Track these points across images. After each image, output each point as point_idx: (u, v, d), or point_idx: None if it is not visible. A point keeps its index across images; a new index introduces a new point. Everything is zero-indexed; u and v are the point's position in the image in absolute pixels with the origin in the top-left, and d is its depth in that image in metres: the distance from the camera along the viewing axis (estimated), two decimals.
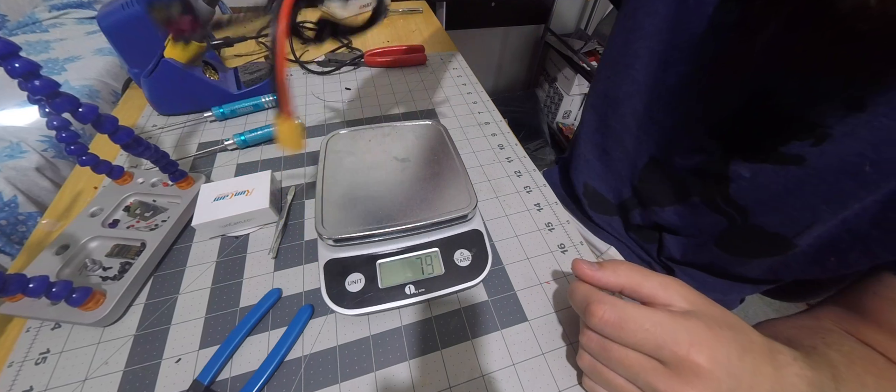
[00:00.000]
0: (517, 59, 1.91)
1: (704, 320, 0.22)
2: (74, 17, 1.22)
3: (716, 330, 0.22)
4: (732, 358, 0.21)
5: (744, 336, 0.23)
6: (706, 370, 0.21)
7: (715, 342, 0.22)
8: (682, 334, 0.22)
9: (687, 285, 0.25)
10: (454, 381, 0.28)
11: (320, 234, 0.31)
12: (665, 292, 0.24)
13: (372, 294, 0.30)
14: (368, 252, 0.32)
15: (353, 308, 0.30)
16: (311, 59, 0.64)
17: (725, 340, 0.22)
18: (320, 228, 0.31)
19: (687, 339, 0.21)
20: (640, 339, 0.22)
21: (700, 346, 0.21)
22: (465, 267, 0.32)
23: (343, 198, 0.33)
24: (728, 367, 0.21)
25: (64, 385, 0.27)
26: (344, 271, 0.31)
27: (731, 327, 0.23)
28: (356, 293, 0.30)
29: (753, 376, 0.22)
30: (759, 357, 0.23)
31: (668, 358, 0.22)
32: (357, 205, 0.33)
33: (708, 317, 0.23)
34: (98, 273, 0.33)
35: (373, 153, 0.38)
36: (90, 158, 0.35)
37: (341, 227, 0.31)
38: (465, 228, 0.34)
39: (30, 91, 0.27)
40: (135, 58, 0.52)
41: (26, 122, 0.82)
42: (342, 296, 0.30)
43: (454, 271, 0.32)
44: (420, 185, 0.35)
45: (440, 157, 0.38)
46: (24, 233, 0.73)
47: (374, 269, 0.31)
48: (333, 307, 0.30)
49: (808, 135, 0.28)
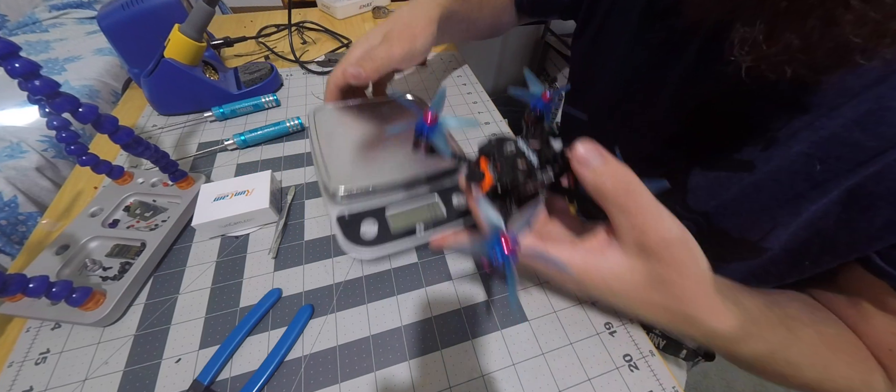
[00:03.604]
0: (517, 59, 1.91)
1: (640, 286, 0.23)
2: (74, 17, 1.22)
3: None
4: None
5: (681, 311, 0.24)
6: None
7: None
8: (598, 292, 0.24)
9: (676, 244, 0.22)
10: (454, 381, 0.28)
11: (329, 191, 0.32)
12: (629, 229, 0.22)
13: (386, 237, 0.32)
14: (376, 205, 0.34)
15: (371, 247, 0.32)
16: (312, 59, 0.64)
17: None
18: (329, 184, 0.32)
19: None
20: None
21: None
22: (463, 208, 0.35)
23: (344, 160, 0.35)
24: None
25: (64, 385, 0.27)
26: (356, 222, 0.33)
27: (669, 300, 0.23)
28: (371, 239, 0.32)
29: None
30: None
31: None
32: (358, 164, 0.35)
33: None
34: (98, 273, 0.33)
35: (362, 124, 0.40)
36: (90, 158, 0.35)
37: (349, 182, 0.33)
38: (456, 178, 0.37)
39: (30, 91, 0.27)
40: (135, 58, 0.52)
41: (26, 122, 0.82)
42: (358, 240, 0.32)
43: (454, 213, 0.35)
44: (409, 149, 0.37)
45: None
46: (24, 233, 0.73)
47: (383, 218, 0.33)
48: (352, 249, 0.32)
49: (758, 140, 0.29)
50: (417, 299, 0.33)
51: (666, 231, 0.21)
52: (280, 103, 0.54)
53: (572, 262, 0.24)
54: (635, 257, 0.22)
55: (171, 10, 0.49)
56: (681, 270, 0.22)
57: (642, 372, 0.29)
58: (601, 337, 0.31)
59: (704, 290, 0.23)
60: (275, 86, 0.57)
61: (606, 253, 0.23)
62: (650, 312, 0.24)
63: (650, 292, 0.23)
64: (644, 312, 0.25)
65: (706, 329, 0.24)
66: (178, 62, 0.46)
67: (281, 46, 0.69)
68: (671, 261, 0.22)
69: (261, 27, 0.72)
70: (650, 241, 0.21)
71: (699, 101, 0.33)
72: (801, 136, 0.27)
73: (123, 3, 0.48)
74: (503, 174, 0.25)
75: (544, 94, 0.29)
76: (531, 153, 0.26)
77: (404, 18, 0.42)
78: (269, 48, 0.68)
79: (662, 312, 0.24)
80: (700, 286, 0.23)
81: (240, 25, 0.78)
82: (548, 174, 0.25)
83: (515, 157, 0.25)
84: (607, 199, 0.22)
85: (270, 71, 0.56)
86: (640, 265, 0.22)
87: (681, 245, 0.22)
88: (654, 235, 0.21)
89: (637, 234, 0.22)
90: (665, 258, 0.21)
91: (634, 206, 0.21)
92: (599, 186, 0.22)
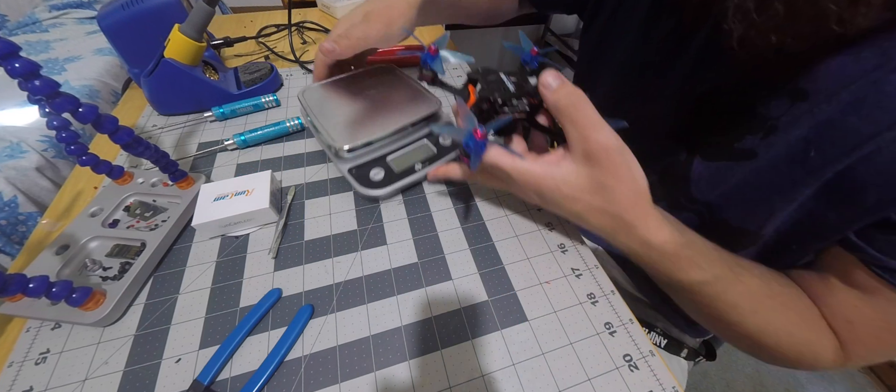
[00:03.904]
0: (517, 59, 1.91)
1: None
2: (74, 17, 1.22)
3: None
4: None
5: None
6: None
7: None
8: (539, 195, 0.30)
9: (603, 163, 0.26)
10: (454, 381, 0.28)
11: (335, 151, 0.39)
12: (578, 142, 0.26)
13: (392, 177, 0.40)
14: (377, 155, 0.41)
15: (384, 188, 0.38)
16: (312, 59, 0.64)
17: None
18: (334, 144, 0.38)
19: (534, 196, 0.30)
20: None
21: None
22: (448, 145, 0.43)
23: (341, 124, 0.41)
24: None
25: (64, 385, 0.27)
26: (365, 170, 0.40)
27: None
28: (380, 180, 0.39)
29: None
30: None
31: None
32: (355, 125, 0.41)
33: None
34: (98, 273, 0.33)
35: (348, 94, 0.46)
36: (90, 158, 0.35)
37: (350, 140, 0.39)
38: (439, 121, 0.45)
39: (30, 91, 0.27)
40: (135, 58, 0.52)
41: (26, 122, 0.82)
42: (370, 184, 0.39)
43: (442, 149, 0.43)
44: (395, 104, 0.44)
45: (401, 85, 0.48)
46: (24, 233, 0.73)
47: (386, 163, 0.41)
48: (367, 191, 0.38)
49: (759, 128, 0.29)
50: (417, 299, 0.33)
51: (605, 139, 0.25)
52: (280, 103, 0.54)
53: (532, 170, 0.28)
54: (581, 164, 0.26)
55: (171, 10, 0.49)
56: (617, 176, 0.26)
57: (642, 372, 0.29)
58: (601, 337, 0.31)
59: (640, 198, 0.27)
60: (275, 86, 0.57)
61: (561, 163, 0.28)
62: (595, 218, 0.28)
63: (593, 196, 0.27)
64: (590, 217, 0.29)
65: (641, 238, 0.28)
66: (178, 62, 0.46)
67: (281, 46, 0.69)
68: (609, 166, 0.26)
69: (261, 27, 0.72)
70: (592, 148, 0.25)
71: (703, 93, 0.34)
72: (801, 122, 0.27)
73: (123, 3, 0.48)
74: (483, 92, 0.31)
75: (533, 50, 0.34)
76: (509, 83, 0.32)
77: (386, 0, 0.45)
78: (269, 48, 0.68)
79: (604, 217, 0.28)
80: (636, 195, 0.27)
81: (240, 25, 0.78)
82: (522, 102, 0.31)
83: (496, 83, 0.32)
84: (561, 113, 0.26)
85: (270, 71, 0.56)
86: (585, 171, 0.26)
87: (617, 153, 0.25)
88: (595, 143, 0.25)
89: (582, 142, 0.26)
90: (604, 164, 0.25)
91: (581, 117, 0.25)
92: (555, 102, 0.26)
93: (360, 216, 0.39)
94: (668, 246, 0.28)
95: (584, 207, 0.28)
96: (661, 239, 0.28)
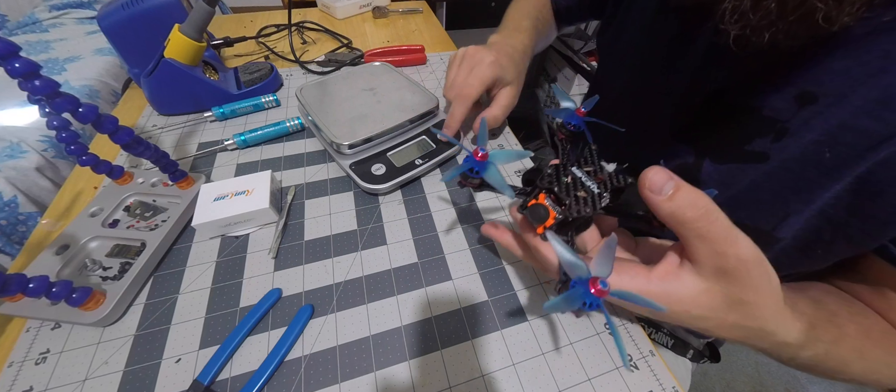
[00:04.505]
0: None
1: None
2: (74, 17, 1.22)
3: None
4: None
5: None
6: None
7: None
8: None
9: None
10: (454, 381, 0.28)
11: (336, 147, 0.40)
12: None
13: (393, 172, 0.40)
14: (377, 150, 0.42)
15: (385, 183, 0.39)
16: (312, 59, 0.64)
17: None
18: (335, 140, 0.39)
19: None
20: None
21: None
22: (446, 141, 0.43)
23: (341, 121, 0.42)
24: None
25: (64, 385, 0.27)
26: (367, 166, 0.40)
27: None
28: (382, 175, 0.40)
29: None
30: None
31: None
32: (355, 122, 0.42)
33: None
34: (98, 273, 0.33)
35: (344, 90, 0.47)
36: (90, 158, 0.35)
37: (350, 137, 0.40)
38: (437, 118, 0.46)
39: (30, 91, 0.27)
40: (135, 58, 0.52)
41: (26, 122, 0.82)
42: (372, 179, 0.39)
43: (441, 144, 0.44)
44: (392, 101, 0.45)
45: (397, 82, 0.48)
46: (24, 233, 0.73)
47: (387, 158, 0.41)
48: (369, 187, 0.39)
49: (769, 131, 0.29)
50: (417, 299, 0.33)
51: (744, 253, 0.21)
52: (280, 103, 0.54)
53: (649, 292, 0.23)
54: (712, 281, 0.22)
55: (171, 10, 0.49)
56: (758, 290, 0.22)
57: (642, 372, 0.29)
58: (601, 337, 0.31)
59: (778, 305, 0.24)
60: (275, 86, 0.57)
61: (682, 277, 0.23)
62: (726, 332, 0.25)
63: (727, 312, 0.23)
64: (720, 332, 0.25)
65: (779, 341, 0.25)
66: (178, 62, 0.46)
67: (281, 46, 0.69)
68: (748, 282, 0.22)
69: (261, 27, 0.72)
70: (729, 265, 0.21)
71: (710, 93, 0.34)
72: (812, 125, 0.27)
73: (123, 3, 0.48)
74: (570, 210, 0.24)
75: (578, 110, 0.29)
76: (591, 182, 0.25)
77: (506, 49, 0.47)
78: (269, 48, 0.68)
79: (739, 331, 0.24)
80: (777, 305, 0.23)
81: (240, 25, 0.78)
82: (606, 200, 0.25)
83: (575, 186, 0.25)
84: (685, 227, 0.21)
85: (270, 71, 0.56)
86: (717, 288, 0.22)
87: (757, 265, 0.22)
88: (733, 259, 0.21)
89: (716, 258, 0.21)
90: (743, 279, 0.22)
91: (714, 230, 0.21)
92: (678, 215, 0.21)
93: (360, 216, 0.39)
94: (799, 339, 0.26)
95: (715, 324, 0.24)
96: (794, 336, 0.25)
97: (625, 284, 0.23)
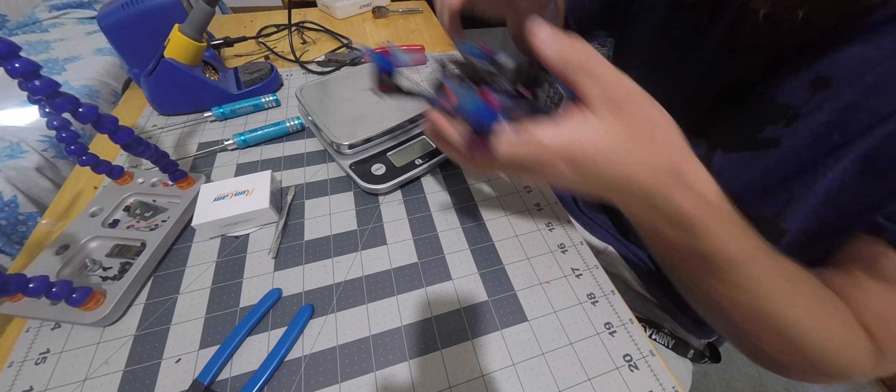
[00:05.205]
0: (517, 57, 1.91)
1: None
2: (74, 17, 1.23)
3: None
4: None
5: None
6: None
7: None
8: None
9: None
10: (454, 381, 0.28)
11: (336, 148, 0.40)
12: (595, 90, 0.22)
13: (394, 172, 0.40)
14: (377, 150, 0.42)
15: (385, 183, 0.39)
16: (312, 59, 0.64)
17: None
18: (335, 140, 0.39)
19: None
20: None
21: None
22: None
23: (341, 121, 0.42)
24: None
25: (64, 385, 0.27)
26: (367, 166, 0.40)
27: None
28: (382, 175, 0.40)
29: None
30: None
31: None
32: (355, 122, 0.42)
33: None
34: (98, 273, 0.33)
35: (346, 91, 0.47)
36: (90, 158, 0.35)
37: (350, 137, 0.40)
38: None
39: (30, 91, 0.27)
40: (135, 58, 0.52)
41: (26, 122, 0.82)
42: (372, 179, 0.39)
43: None
44: (392, 101, 0.44)
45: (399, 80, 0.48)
46: (24, 233, 0.73)
47: (387, 158, 0.41)
48: (370, 187, 0.39)
49: (781, 118, 0.29)
50: (417, 299, 0.33)
51: (629, 87, 0.22)
52: (280, 103, 0.54)
53: (559, 137, 0.23)
54: (611, 117, 0.22)
55: (171, 10, 0.49)
56: (654, 121, 0.23)
57: (642, 372, 0.29)
58: (601, 337, 0.31)
59: (683, 140, 0.24)
60: (275, 86, 0.57)
61: (586, 119, 0.23)
62: (644, 175, 0.24)
63: (634, 146, 0.23)
64: (639, 177, 0.24)
65: (695, 189, 0.24)
66: (178, 62, 0.46)
67: (281, 46, 0.69)
68: (641, 114, 0.23)
69: (261, 27, 0.72)
70: (619, 97, 0.22)
71: (725, 85, 0.34)
72: (824, 108, 0.27)
73: (123, 3, 0.48)
74: (465, 77, 0.26)
75: (482, 46, 0.28)
76: (486, 61, 0.26)
77: None
78: (269, 48, 0.68)
79: (654, 173, 0.23)
80: (679, 136, 0.24)
81: (240, 25, 0.78)
82: (502, 82, 0.26)
83: (470, 68, 0.26)
84: (573, 66, 0.22)
85: (270, 71, 0.56)
86: (617, 122, 0.22)
87: (646, 99, 0.23)
88: (622, 93, 0.22)
89: (606, 93, 0.22)
90: (635, 112, 0.23)
91: (598, 67, 0.22)
92: (566, 56, 0.22)
93: (360, 216, 0.39)
94: (720, 201, 0.25)
95: (631, 171, 0.23)
96: (713, 189, 0.24)
97: (537, 132, 0.23)
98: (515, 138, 0.23)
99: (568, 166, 0.24)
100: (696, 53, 0.36)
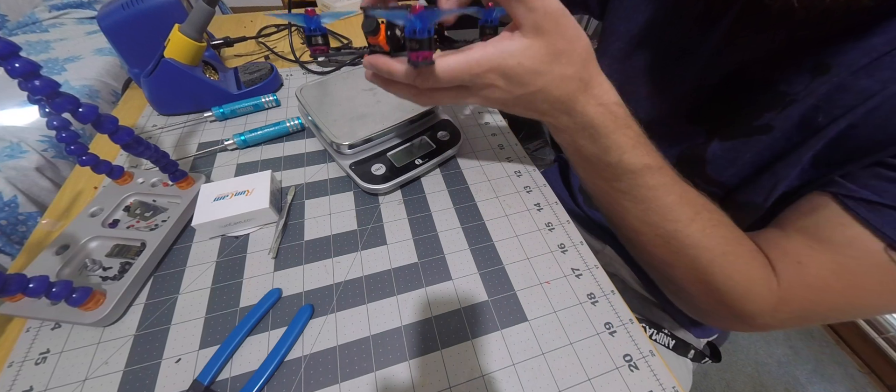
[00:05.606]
0: None
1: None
2: (74, 17, 1.23)
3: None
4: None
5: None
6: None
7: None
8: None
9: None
10: (454, 381, 0.28)
11: (336, 148, 0.40)
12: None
13: (394, 172, 0.40)
14: (377, 150, 0.42)
15: (385, 183, 0.39)
16: (312, 59, 0.64)
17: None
18: (335, 140, 0.39)
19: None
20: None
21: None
22: (446, 140, 0.44)
23: (341, 120, 0.42)
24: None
25: (64, 385, 0.27)
26: (367, 166, 0.40)
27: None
28: (382, 175, 0.40)
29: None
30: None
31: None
32: (355, 121, 0.42)
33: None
34: (98, 273, 0.33)
35: (346, 91, 0.47)
36: (90, 158, 0.35)
37: (349, 137, 0.40)
38: (437, 119, 0.46)
39: (30, 91, 0.27)
40: (135, 58, 0.52)
41: (26, 122, 0.82)
42: (372, 179, 0.39)
43: (441, 144, 0.44)
44: (392, 101, 0.45)
45: None
46: (24, 233, 0.73)
47: (387, 158, 0.41)
48: (370, 187, 0.39)
49: (777, 104, 0.30)
50: (417, 299, 0.33)
51: (550, 6, 0.25)
52: (280, 103, 0.54)
53: (490, 53, 0.26)
54: (532, 36, 0.26)
55: (171, 10, 0.49)
56: (569, 37, 0.26)
57: (642, 372, 0.29)
58: (601, 337, 0.31)
59: (591, 56, 0.28)
60: (275, 86, 0.57)
61: (513, 38, 0.26)
62: (557, 86, 0.28)
63: (552, 63, 0.26)
64: (553, 89, 0.28)
65: (597, 98, 0.28)
66: (178, 62, 0.46)
67: (281, 46, 0.69)
68: (559, 32, 0.25)
69: (261, 27, 0.72)
70: (540, 20, 0.25)
71: (729, 72, 0.34)
72: (816, 91, 0.27)
73: (123, 3, 0.48)
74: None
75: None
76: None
77: None
78: (269, 48, 0.68)
79: (565, 83, 0.28)
80: (588, 52, 0.27)
81: (240, 25, 0.78)
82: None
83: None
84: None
85: (270, 71, 0.56)
86: (538, 42, 0.26)
87: (563, 15, 0.25)
88: (542, 13, 0.25)
89: (531, 15, 0.25)
90: (553, 31, 0.25)
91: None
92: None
93: (360, 216, 0.39)
94: (620, 110, 0.29)
95: (547, 80, 0.27)
96: (614, 98, 0.29)
97: (472, 50, 0.26)
98: (453, 57, 0.26)
99: (500, 78, 0.27)
100: (704, 40, 0.36)
